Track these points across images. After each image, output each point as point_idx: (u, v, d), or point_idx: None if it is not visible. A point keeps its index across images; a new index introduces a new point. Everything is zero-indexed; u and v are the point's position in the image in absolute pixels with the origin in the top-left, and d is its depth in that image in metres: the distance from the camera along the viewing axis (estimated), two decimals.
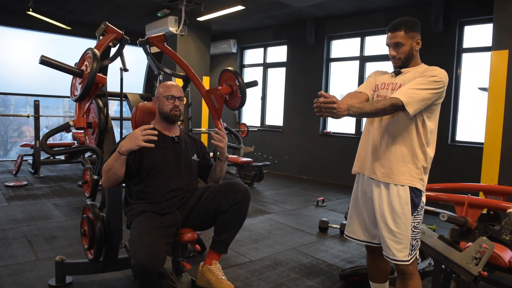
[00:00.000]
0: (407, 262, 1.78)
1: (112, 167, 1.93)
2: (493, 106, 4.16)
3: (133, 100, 2.67)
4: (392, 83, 1.88)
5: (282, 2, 5.85)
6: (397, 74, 1.90)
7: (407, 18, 1.85)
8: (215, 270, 2.12)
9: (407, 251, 1.77)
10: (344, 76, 6.76)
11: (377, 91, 1.94)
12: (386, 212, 1.81)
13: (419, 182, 1.80)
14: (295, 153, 7.27)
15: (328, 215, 4.46)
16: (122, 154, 1.89)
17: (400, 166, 1.80)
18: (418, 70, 1.84)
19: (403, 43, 1.82)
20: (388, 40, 1.87)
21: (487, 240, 1.97)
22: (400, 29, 1.82)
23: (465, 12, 5.20)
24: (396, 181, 1.79)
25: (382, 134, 1.86)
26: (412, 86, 1.73)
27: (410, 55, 1.85)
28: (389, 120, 1.84)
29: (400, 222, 1.77)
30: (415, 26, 1.84)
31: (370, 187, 1.90)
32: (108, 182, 1.99)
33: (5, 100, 8.54)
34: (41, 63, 1.95)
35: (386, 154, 1.83)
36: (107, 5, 6.40)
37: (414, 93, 1.70)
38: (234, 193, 2.09)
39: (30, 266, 2.73)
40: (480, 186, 3.20)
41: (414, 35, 1.83)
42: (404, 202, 1.78)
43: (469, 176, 4.54)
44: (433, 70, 1.78)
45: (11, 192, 4.94)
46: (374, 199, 1.87)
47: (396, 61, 1.88)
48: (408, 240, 1.77)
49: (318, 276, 2.75)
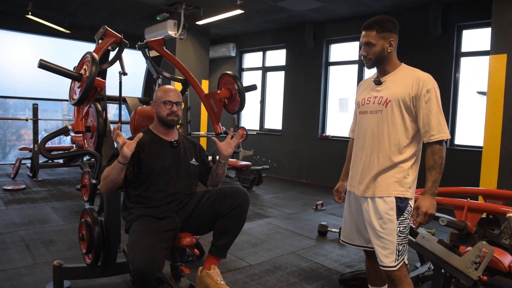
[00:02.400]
0: (393, 267, 1.76)
1: (109, 174, 1.91)
2: (492, 110, 4.16)
3: (132, 103, 2.67)
4: (374, 97, 1.85)
5: (281, 6, 5.87)
6: (377, 83, 1.86)
7: (382, 17, 1.80)
8: (214, 275, 2.11)
9: (393, 256, 1.76)
10: (343, 80, 6.77)
11: (359, 108, 1.94)
12: (373, 218, 1.81)
13: (408, 191, 1.80)
14: (294, 157, 7.27)
15: (327, 219, 4.45)
16: (121, 163, 1.87)
17: (385, 179, 1.80)
18: (400, 75, 1.81)
19: (373, 43, 1.78)
20: (361, 38, 1.84)
21: (487, 245, 1.97)
22: (372, 28, 1.78)
23: (464, 16, 5.22)
24: (383, 195, 1.80)
25: (365, 149, 1.87)
26: (429, 115, 1.72)
27: (381, 56, 1.80)
28: (372, 135, 1.84)
29: (386, 227, 1.77)
30: (390, 26, 1.78)
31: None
32: (106, 188, 1.98)
33: (4, 104, 8.54)
34: (40, 67, 1.94)
35: (370, 170, 1.84)
36: (106, 9, 6.40)
37: (436, 120, 1.72)
38: (233, 198, 2.08)
39: (27, 270, 2.71)
40: (479, 190, 3.20)
41: (386, 36, 1.78)
42: (389, 208, 1.78)
43: (468, 180, 4.53)
44: (424, 83, 1.74)
45: (9, 196, 4.92)
46: (362, 204, 1.89)
47: (367, 61, 1.85)
48: (394, 245, 1.76)
49: (317, 281, 2.73)
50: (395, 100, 1.78)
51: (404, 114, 1.78)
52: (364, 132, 1.89)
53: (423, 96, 1.74)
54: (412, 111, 1.78)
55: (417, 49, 5.52)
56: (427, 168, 1.77)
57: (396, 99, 1.78)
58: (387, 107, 1.80)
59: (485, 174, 4.21)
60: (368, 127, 1.87)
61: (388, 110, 1.80)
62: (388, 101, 1.80)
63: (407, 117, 1.79)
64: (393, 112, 1.79)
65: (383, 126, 1.81)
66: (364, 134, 1.89)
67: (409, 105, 1.77)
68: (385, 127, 1.81)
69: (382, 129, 1.81)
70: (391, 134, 1.80)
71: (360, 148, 1.92)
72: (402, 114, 1.78)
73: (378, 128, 1.83)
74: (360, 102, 1.93)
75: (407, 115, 1.78)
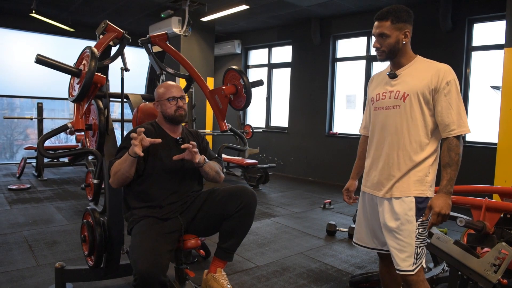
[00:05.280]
0: (411, 272, 1.66)
1: (121, 168, 1.87)
2: (507, 105, 4.02)
3: (135, 101, 2.59)
4: (390, 91, 1.75)
5: (287, 2, 5.77)
6: (392, 76, 1.76)
7: (396, 7, 1.69)
8: (220, 279, 2.03)
9: (411, 260, 1.66)
10: (350, 76, 6.65)
11: (373, 104, 1.83)
12: (391, 219, 1.71)
13: (429, 190, 1.70)
14: (301, 155, 7.17)
15: (335, 218, 4.36)
16: (132, 156, 1.83)
17: (406, 178, 1.70)
18: (417, 67, 1.71)
19: (388, 34, 1.67)
20: (373, 29, 1.73)
21: (507, 246, 1.87)
22: (387, 18, 1.67)
23: (474, 9, 5.08)
24: (403, 195, 1.70)
25: (384, 148, 1.77)
26: (449, 109, 1.63)
27: (396, 48, 1.70)
28: (390, 132, 1.75)
29: (404, 229, 1.67)
30: (405, 16, 1.68)
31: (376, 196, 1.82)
32: (117, 183, 1.93)
33: (11, 103, 8.54)
34: (37, 62, 1.87)
35: (391, 169, 1.74)
36: (110, 6, 6.35)
37: (457, 114, 1.63)
38: (240, 198, 2.00)
39: (30, 272, 2.66)
40: (495, 188, 3.07)
41: (402, 27, 1.67)
42: (408, 208, 1.68)
43: (482, 177, 4.42)
44: (444, 75, 1.64)
45: (13, 196, 4.89)
46: (378, 205, 1.79)
47: (380, 53, 1.73)
48: (412, 248, 1.66)
49: (327, 283, 2.64)
50: (414, 94, 1.68)
51: (423, 109, 1.68)
52: (381, 129, 1.79)
53: (442, 88, 1.63)
54: (431, 105, 1.68)
55: (426, 43, 5.39)
56: (442, 165, 1.67)
57: (414, 93, 1.68)
58: (405, 101, 1.70)
59: (500, 171, 4.08)
60: (385, 124, 1.76)
61: (406, 105, 1.69)
62: (406, 95, 1.69)
63: (427, 111, 1.68)
64: (412, 107, 1.69)
65: (402, 122, 1.71)
66: (380, 131, 1.79)
67: (428, 99, 1.67)
68: (404, 123, 1.71)
69: (401, 125, 1.71)
70: (411, 130, 1.70)
71: (376, 146, 1.82)
72: (422, 108, 1.68)
73: (397, 125, 1.72)
74: (375, 97, 1.83)
75: (427, 110, 1.68)
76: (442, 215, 1.61)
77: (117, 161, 1.92)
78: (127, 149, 1.96)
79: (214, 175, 2.11)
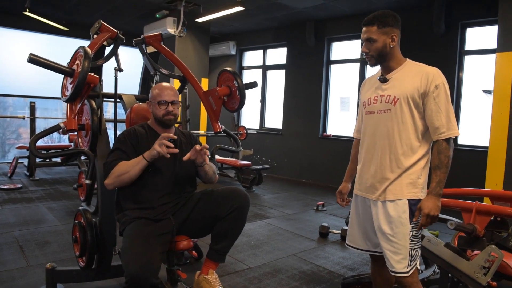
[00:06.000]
0: (406, 273, 1.68)
1: (130, 171, 1.87)
2: (498, 109, 4.07)
3: (128, 101, 2.58)
4: (381, 96, 1.77)
5: (282, 4, 5.78)
6: (383, 81, 1.78)
7: (382, 12, 1.72)
8: (211, 280, 2.02)
9: (405, 262, 1.68)
10: (345, 79, 6.68)
11: (365, 108, 1.86)
12: (384, 222, 1.72)
13: (421, 192, 1.72)
14: (295, 156, 7.18)
15: (328, 220, 4.37)
16: (146, 160, 1.86)
17: (398, 181, 1.72)
18: (407, 71, 1.73)
19: (375, 39, 1.70)
20: (361, 35, 1.77)
21: (497, 249, 1.89)
22: (373, 24, 1.71)
23: (467, 14, 5.13)
24: (396, 197, 1.72)
25: (375, 151, 1.79)
26: (438, 112, 1.64)
27: (384, 52, 1.72)
28: (382, 135, 1.76)
29: (398, 231, 1.68)
30: (391, 20, 1.71)
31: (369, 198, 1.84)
32: (117, 185, 1.93)
33: (3, 102, 8.47)
34: (30, 61, 1.86)
35: (383, 173, 1.76)
36: (105, 6, 6.32)
37: (446, 117, 1.64)
38: (233, 200, 2.00)
39: (20, 273, 2.63)
40: (486, 192, 3.11)
41: (388, 31, 1.70)
42: (402, 210, 1.69)
43: (473, 181, 4.45)
44: (433, 78, 1.65)
45: (4, 195, 4.84)
46: (372, 208, 1.80)
47: (369, 58, 1.76)
48: (407, 250, 1.68)
49: (319, 284, 2.65)
50: (404, 97, 1.70)
51: (413, 112, 1.70)
52: (372, 133, 1.81)
53: (431, 92, 1.65)
54: (421, 108, 1.70)
55: (419, 47, 5.43)
56: (433, 167, 1.69)
57: (404, 97, 1.70)
58: (395, 105, 1.72)
59: (491, 175, 4.12)
60: (377, 128, 1.78)
61: (397, 109, 1.72)
62: (396, 99, 1.71)
63: (417, 114, 1.70)
64: (402, 111, 1.71)
65: (393, 126, 1.73)
66: (372, 135, 1.81)
67: (418, 102, 1.69)
68: (395, 126, 1.72)
69: (393, 129, 1.73)
70: (402, 134, 1.72)
71: (368, 150, 1.83)
72: (412, 112, 1.70)
73: (388, 128, 1.74)
74: (366, 101, 1.85)
75: (417, 113, 1.70)
76: (431, 216, 1.63)
77: (122, 162, 1.90)
78: (121, 150, 1.95)
79: (212, 175, 2.13)
